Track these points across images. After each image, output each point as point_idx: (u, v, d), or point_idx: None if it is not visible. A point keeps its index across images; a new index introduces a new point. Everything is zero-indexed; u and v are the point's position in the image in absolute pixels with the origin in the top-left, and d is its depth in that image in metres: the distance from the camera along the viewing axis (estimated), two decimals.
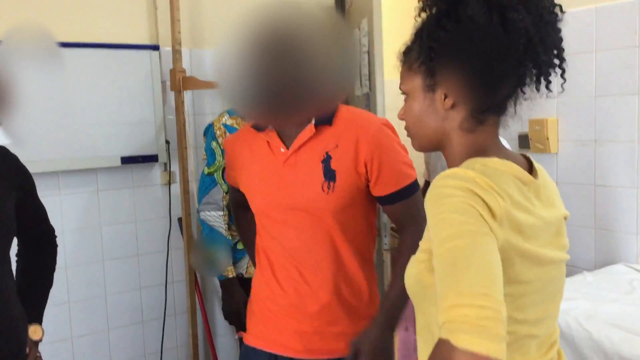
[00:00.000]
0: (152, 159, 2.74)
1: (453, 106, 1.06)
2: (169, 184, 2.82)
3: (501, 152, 1.07)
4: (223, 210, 2.35)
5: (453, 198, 0.93)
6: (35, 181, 1.62)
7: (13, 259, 1.59)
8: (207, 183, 2.36)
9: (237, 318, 2.38)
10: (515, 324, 1.02)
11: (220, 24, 2.92)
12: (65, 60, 1.32)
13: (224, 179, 2.32)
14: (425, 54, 1.05)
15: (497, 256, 0.91)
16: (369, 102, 2.54)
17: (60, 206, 2.57)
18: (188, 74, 2.75)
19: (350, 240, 1.59)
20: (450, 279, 0.88)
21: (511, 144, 2.31)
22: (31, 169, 1.62)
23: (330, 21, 1.28)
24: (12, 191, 1.49)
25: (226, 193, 2.34)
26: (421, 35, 1.06)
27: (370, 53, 2.45)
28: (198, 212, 2.39)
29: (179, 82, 2.68)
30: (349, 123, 1.56)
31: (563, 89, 1.07)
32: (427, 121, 1.09)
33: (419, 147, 1.14)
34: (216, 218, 2.35)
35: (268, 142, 1.59)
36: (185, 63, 2.77)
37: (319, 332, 1.60)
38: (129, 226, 2.77)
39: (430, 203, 0.96)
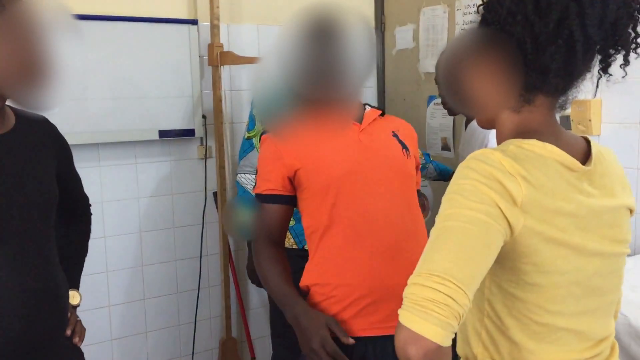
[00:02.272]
0: (189, 133, 2.77)
1: None
2: (205, 158, 2.85)
3: (552, 136, 1.02)
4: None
5: (466, 180, 0.93)
6: (75, 153, 1.65)
7: None
8: (245, 147, 2.43)
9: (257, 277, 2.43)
10: (548, 315, 1.00)
11: (257, 0, 2.92)
12: (84, 33, 1.32)
13: None
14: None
15: (488, 244, 0.90)
16: None
17: (99, 178, 2.62)
18: (225, 49, 2.75)
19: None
20: (424, 257, 0.91)
21: None
22: (71, 140, 1.65)
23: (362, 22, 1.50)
24: (53, 160, 1.53)
25: None
26: (479, 8, 1.07)
27: None
28: (236, 174, 2.46)
29: (217, 57, 2.69)
30: (398, 120, 1.76)
31: (625, 73, 1.02)
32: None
33: (479, 124, 1.14)
34: (251, 181, 2.39)
35: (336, 119, 1.60)
36: (223, 38, 2.77)
37: None
38: (166, 199, 2.81)
39: (451, 180, 0.96)
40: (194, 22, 2.74)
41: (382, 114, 1.70)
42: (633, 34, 1.00)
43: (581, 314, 1.03)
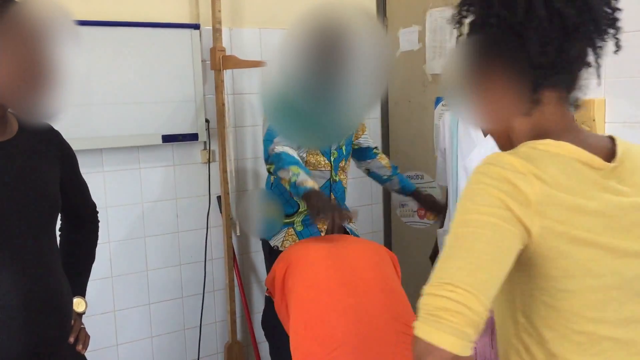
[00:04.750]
0: (192, 137, 2.77)
1: None
2: (209, 162, 2.85)
3: (570, 135, 0.99)
4: (294, 149, 2.29)
5: (478, 185, 0.91)
6: (79, 158, 1.65)
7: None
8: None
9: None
10: (588, 323, 0.95)
11: (259, 4, 2.92)
12: (85, 38, 1.31)
13: None
14: None
15: (501, 247, 0.88)
16: None
17: (103, 183, 2.63)
18: (228, 52, 2.76)
19: None
20: (437, 266, 0.89)
21: None
22: (75, 146, 1.65)
23: (370, 25, 1.35)
24: (56, 167, 1.53)
25: None
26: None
27: None
28: (269, 153, 2.29)
29: (219, 61, 2.69)
30: None
31: (619, 48, 0.99)
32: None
33: (501, 149, 1.08)
34: (290, 152, 2.27)
35: None
36: (225, 42, 2.77)
37: None
38: (170, 203, 2.81)
39: (464, 188, 0.94)
40: (196, 26, 2.74)
41: None
42: (610, 11, 0.98)
43: (627, 321, 0.97)
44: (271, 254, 2.44)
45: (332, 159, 2.47)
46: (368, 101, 1.42)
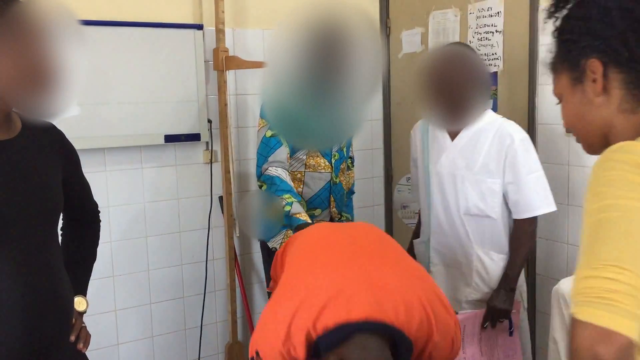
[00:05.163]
0: (194, 137, 2.78)
1: (605, 89, 0.99)
2: (211, 162, 2.85)
3: None
4: (287, 170, 2.34)
5: (612, 171, 0.87)
6: (81, 157, 1.65)
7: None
8: (272, 144, 2.35)
9: None
10: None
11: (262, 4, 2.92)
12: (89, 38, 1.32)
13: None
14: (563, 48, 1.02)
15: None
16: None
17: (105, 182, 2.63)
18: (231, 53, 2.76)
19: None
20: (587, 251, 0.84)
21: None
22: (78, 145, 1.65)
23: (368, 25, 1.32)
24: (59, 167, 1.53)
25: (288, 154, 2.35)
26: (556, 34, 1.03)
27: None
28: (262, 172, 2.34)
29: (222, 62, 2.70)
30: None
31: None
32: (586, 116, 1.02)
33: (590, 149, 1.05)
34: (284, 176, 2.32)
35: None
36: (228, 42, 2.78)
37: None
38: (172, 203, 2.82)
39: (592, 176, 0.90)
40: (199, 27, 2.74)
41: None
42: None
43: None
44: (270, 256, 2.44)
45: (333, 160, 2.47)
46: (364, 101, 1.41)
